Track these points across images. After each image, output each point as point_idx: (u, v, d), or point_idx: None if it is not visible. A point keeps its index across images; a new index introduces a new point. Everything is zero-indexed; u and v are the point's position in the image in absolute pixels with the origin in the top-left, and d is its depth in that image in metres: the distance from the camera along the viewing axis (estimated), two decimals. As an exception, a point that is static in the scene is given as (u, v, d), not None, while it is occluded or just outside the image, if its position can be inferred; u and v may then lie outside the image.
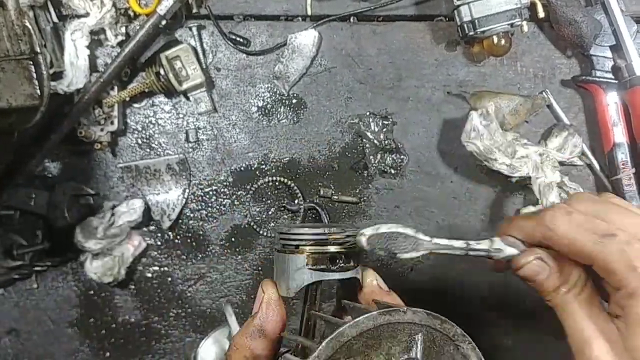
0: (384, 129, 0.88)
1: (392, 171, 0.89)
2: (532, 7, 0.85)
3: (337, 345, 0.42)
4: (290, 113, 0.90)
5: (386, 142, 0.88)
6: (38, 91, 0.74)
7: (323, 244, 0.54)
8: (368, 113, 0.89)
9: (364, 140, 0.89)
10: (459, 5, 0.81)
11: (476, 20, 0.80)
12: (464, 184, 0.89)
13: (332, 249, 0.54)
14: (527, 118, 0.87)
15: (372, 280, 0.57)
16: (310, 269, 0.53)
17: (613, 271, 0.47)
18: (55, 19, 0.83)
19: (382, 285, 0.57)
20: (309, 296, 0.57)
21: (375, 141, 0.88)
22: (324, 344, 0.42)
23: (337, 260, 0.54)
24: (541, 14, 0.85)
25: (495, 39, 0.82)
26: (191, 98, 0.88)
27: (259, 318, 0.53)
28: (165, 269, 0.91)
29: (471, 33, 0.81)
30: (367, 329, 0.43)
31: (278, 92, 0.90)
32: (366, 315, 0.43)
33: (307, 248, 0.54)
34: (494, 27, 0.80)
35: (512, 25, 0.81)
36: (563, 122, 0.87)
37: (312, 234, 0.54)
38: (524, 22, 0.82)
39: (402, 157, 0.89)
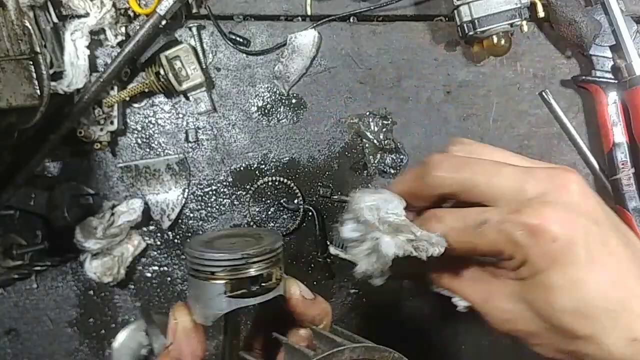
0: (384, 129, 0.88)
1: (392, 171, 0.89)
2: (532, 7, 0.85)
3: None
4: (290, 113, 0.90)
5: (386, 142, 0.88)
6: (38, 91, 0.74)
7: (242, 269, 0.47)
8: (368, 113, 0.89)
9: (364, 140, 0.89)
10: (458, 5, 0.81)
11: (476, 20, 0.80)
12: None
13: (253, 271, 0.47)
14: None
15: (295, 291, 0.52)
16: (228, 296, 0.47)
17: (500, 252, 0.48)
18: (55, 19, 0.83)
19: (306, 295, 0.53)
20: (229, 325, 0.51)
21: (375, 141, 0.88)
22: None
23: (259, 281, 0.48)
24: (541, 13, 0.85)
25: (495, 39, 0.82)
26: (191, 98, 0.88)
27: (174, 350, 0.47)
28: (165, 268, 0.91)
29: (471, 33, 0.81)
30: None
31: (278, 92, 0.90)
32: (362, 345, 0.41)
33: (224, 274, 0.47)
34: (493, 27, 0.80)
35: (512, 25, 0.81)
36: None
37: (229, 260, 0.46)
38: (524, 22, 0.82)
39: (401, 157, 0.89)
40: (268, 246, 0.48)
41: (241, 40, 0.88)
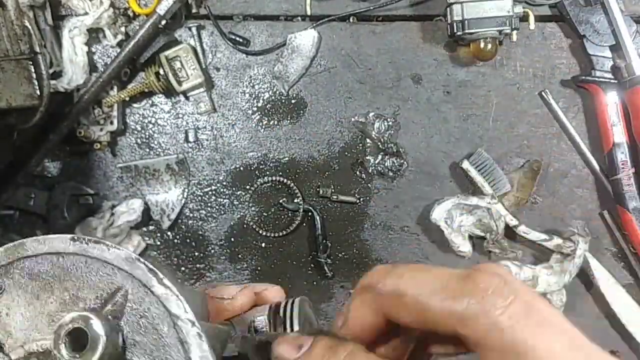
0: (389, 131, 0.88)
1: (390, 174, 0.89)
2: (524, 18, 0.85)
3: (15, 256, 0.36)
4: (290, 113, 0.90)
5: (388, 144, 0.88)
6: (37, 91, 0.74)
7: None
8: (374, 113, 0.88)
9: (367, 139, 0.89)
10: (452, 3, 0.81)
11: (466, 21, 0.81)
12: (463, 184, 0.89)
13: None
14: (536, 183, 0.88)
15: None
16: None
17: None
18: (53, 19, 0.83)
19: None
20: None
21: (378, 142, 0.88)
22: (1, 248, 0.35)
23: None
24: (532, 25, 0.85)
25: (482, 44, 0.82)
26: (191, 98, 0.88)
27: None
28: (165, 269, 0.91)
29: (459, 33, 0.81)
30: (56, 251, 0.36)
31: (278, 92, 0.90)
32: (58, 236, 0.36)
33: None
34: (482, 31, 0.81)
35: (500, 32, 0.81)
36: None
37: None
38: (514, 32, 0.82)
39: (402, 161, 0.88)
40: None
41: (241, 40, 0.88)
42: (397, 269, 0.36)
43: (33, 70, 0.74)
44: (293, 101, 0.90)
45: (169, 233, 0.91)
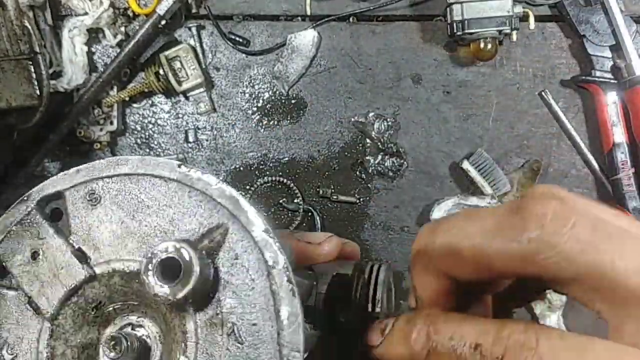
0: (389, 131, 0.88)
1: (390, 174, 0.89)
2: (524, 18, 0.85)
3: (116, 170, 0.35)
4: (290, 113, 0.90)
5: (388, 145, 0.88)
6: (37, 91, 0.74)
7: None
8: (374, 113, 0.88)
9: (367, 139, 0.89)
10: (452, 3, 0.81)
11: (466, 21, 0.81)
12: (463, 184, 0.89)
13: None
14: (536, 183, 0.88)
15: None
16: None
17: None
18: (53, 19, 0.83)
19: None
20: None
21: (378, 142, 0.88)
22: (104, 160, 0.34)
23: None
24: (532, 25, 0.85)
25: (482, 44, 0.82)
26: (190, 98, 0.88)
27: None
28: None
29: (459, 33, 0.81)
30: (159, 175, 0.34)
31: (277, 92, 0.90)
32: (166, 159, 0.35)
33: None
34: (482, 31, 0.81)
35: (500, 32, 0.81)
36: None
37: None
38: (514, 32, 0.82)
39: (402, 161, 0.88)
40: None
41: (241, 40, 0.88)
42: (442, 224, 0.33)
43: (33, 70, 0.74)
44: (293, 101, 0.90)
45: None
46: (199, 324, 0.31)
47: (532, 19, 0.85)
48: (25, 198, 0.36)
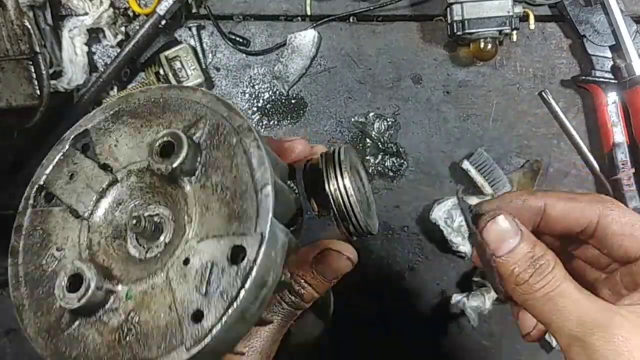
0: (389, 130, 0.88)
1: (390, 174, 0.89)
2: (524, 18, 0.85)
3: (124, 103, 0.45)
4: (290, 113, 0.90)
5: (388, 144, 0.88)
6: (37, 91, 0.74)
7: None
8: (374, 113, 0.88)
9: (367, 139, 0.89)
10: (451, 3, 0.81)
11: (466, 21, 0.81)
12: (463, 184, 0.89)
13: None
14: (536, 183, 0.88)
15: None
16: None
17: None
18: (53, 19, 0.83)
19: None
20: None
21: (378, 142, 0.88)
22: (115, 98, 0.42)
23: None
24: (532, 25, 0.85)
25: (482, 44, 0.82)
26: (191, 98, 0.88)
27: None
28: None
29: (459, 33, 0.81)
30: (155, 97, 0.44)
31: (278, 92, 0.90)
32: (157, 86, 0.42)
33: None
34: (482, 31, 0.81)
35: (500, 32, 0.81)
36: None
37: None
38: (514, 32, 0.82)
39: (402, 161, 0.88)
40: None
41: (241, 40, 0.88)
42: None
43: (33, 70, 0.74)
44: (293, 101, 0.90)
45: (169, 233, 0.91)
46: (195, 187, 0.40)
47: (532, 19, 0.85)
48: (61, 139, 0.48)
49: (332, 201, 0.51)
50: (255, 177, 0.39)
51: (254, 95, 0.90)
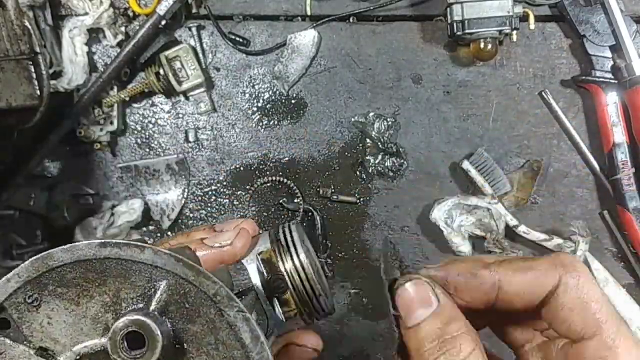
0: (389, 130, 0.88)
1: (390, 174, 0.89)
2: (524, 18, 0.85)
3: (43, 267, 0.35)
4: (290, 113, 0.90)
5: (388, 144, 0.88)
6: (37, 91, 0.74)
7: None
8: (374, 113, 0.88)
9: (367, 139, 0.89)
10: (451, 3, 0.81)
11: (466, 21, 0.81)
12: (463, 184, 0.89)
13: None
14: (536, 183, 0.88)
15: None
16: None
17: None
18: (53, 19, 0.83)
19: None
20: None
21: (378, 142, 0.88)
22: (27, 262, 0.34)
23: None
24: (532, 25, 0.85)
25: (482, 44, 0.82)
26: (191, 98, 0.88)
27: None
28: (165, 268, 0.91)
29: (459, 33, 0.81)
30: (86, 258, 0.35)
31: (278, 92, 0.90)
32: (86, 242, 0.35)
33: None
34: (482, 31, 0.81)
35: (500, 32, 0.81)
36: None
37: None
38: (514, 32, 0.82)
39: (402, 161, 0.88)
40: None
41: (241, 40, 0.88)
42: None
43: (33, 70, 0.74)
44: (293, 101, 0.90)
45: (169, 233, 0.91)
46: None
47: (532, 19, 0.85)
48: None
49: (291, 286, 0.48)
50: (254, 359, 0.33)
51: (254, 95, 0.90)
